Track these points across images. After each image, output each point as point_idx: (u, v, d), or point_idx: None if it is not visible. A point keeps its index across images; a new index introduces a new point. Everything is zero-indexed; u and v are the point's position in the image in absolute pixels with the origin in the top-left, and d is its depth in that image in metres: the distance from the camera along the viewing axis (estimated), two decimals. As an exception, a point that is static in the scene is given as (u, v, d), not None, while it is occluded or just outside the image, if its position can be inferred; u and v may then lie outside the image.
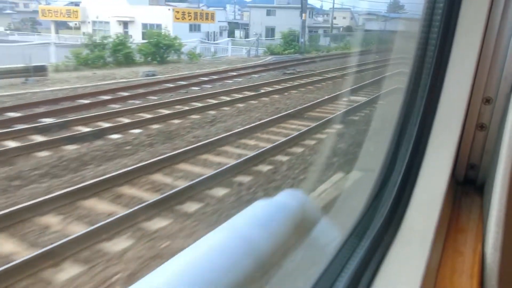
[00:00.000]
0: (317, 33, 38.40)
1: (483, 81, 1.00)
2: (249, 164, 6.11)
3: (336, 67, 17.88)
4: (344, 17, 53.11)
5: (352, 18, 52.77)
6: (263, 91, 12.11)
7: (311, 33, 35.59)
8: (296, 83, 13.80)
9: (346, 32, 41.85)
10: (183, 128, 8.07)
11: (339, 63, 19.67)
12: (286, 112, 9.33)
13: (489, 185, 0.95)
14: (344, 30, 44.72)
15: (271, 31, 41.27)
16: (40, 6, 40.88)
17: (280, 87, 12.88)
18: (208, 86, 13.05)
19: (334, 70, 17.00)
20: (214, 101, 10.57)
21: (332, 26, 43.44)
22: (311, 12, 43.84)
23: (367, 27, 36.85)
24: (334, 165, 5.56)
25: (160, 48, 18.45)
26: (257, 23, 44.17)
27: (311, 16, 43.48)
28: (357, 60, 14.01)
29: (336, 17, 48.58)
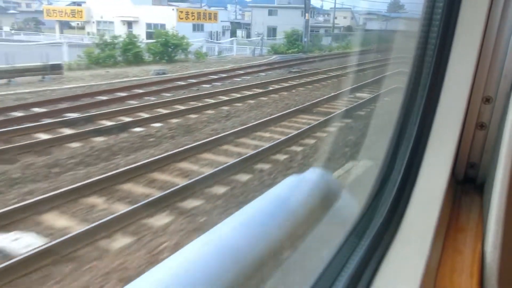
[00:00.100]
0: (319, 33, 38.89)
1: (483, 80, 1.01)
2: (267, 154, 6.61)
3: (340, 66, 18.36)
4: (345, 17, 53.44)
5: (353, 18, 53.15)
6: (272, 88, 12.60)
7: (313, 33, 36.03)
8: (303, 81, 14.30)
9: (347, 32, 42.30)
10: (201, 122, 8.56)
11: (342, 62, 20.15)
12: (296, 108, 9.82)
13: (489, 184, 0.95)
14: (345, 30, 45.16)
15: (273, 31, 41.70)
16: (45, 6, 41.38)
17: (288, 85, 13.38)
18: (218, 84, 13.55)
19: (338, 69, 17.48)
20: (226, 98, 11.05)
21: (334, 26, 43.90)
22: (313, 12, 44.26)
23: (368, 27, 37.34)
24: (347, 155, 6.05)
25: (168, 48, 18.98)
26: (259, 23, 44.63)
27: (313, 16, 43.89)
28: (360, 59, 14.49)
29: (337, 17, 48.96)
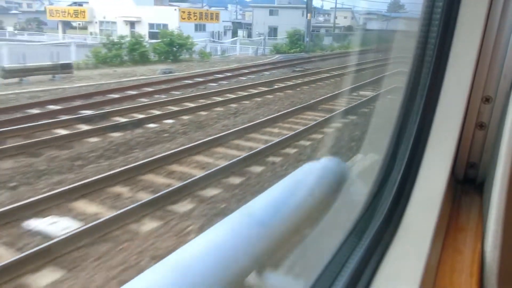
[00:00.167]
0: (320, 33, 39.25)
1: (483, 80, 1.00)
2: (277, 148, 6.94)
3: (342, 65, 18.70)
4: (345, 17, 53.78)
5: (353, 18, 53.51)
6: (277, 87, 12.93)
7: (314, 33, 36.38)
8: (306, 80, 14.63)
9: (348, 32, 42.65)
10: (211, 119, 8.89)
11: (344, 62, 20.49)
12: (302, 105, 10.15)
13: (489, 184, 0.95)
14: (345, 30, 45.51)
15: (274, 31, 42.05)
16: (48, 7, 41.71)
17: (292, 83, 13.72)
18: (225, 82, 13.88)
19: (340, 68, 17.81)
20: (233, 96, 11.39)
21: (335, 26, 44.25)
22: (313, 12, 44.58)
23: (368, 27, 37.69)
24: (353, 148, 6.38)
25: (174, 47, 19.32)
26: (260, 23, 45.02)
27: (313, 16, 44.21)
28: (362, 59, 14.79)
29: (337, 17, 49.30)
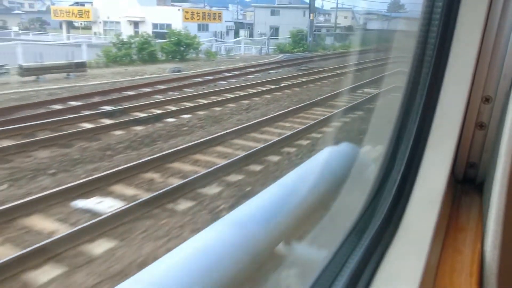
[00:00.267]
0: (321, 33, 39.77)
1: (483, 80, 1.00)
2: (290, 140, 7.45)
3: (345, 64, 19.23)
4: (345, 17, 54.25)
5: (353, 18, 54.01)
6: (284, 85, 13.45)
7: (315, 33, 36.89)
8: (312, 78, 15.15)
9: (349, 32, 43.16)
10: (225, 114, 9.40)
11: (347, 61, 21.02)
12: (310, 101, 10.66)
13: (489, 184, 0.95)
14: (346, 30, 46.00)
15: (275, 31, 42.52)
16: (52, 7, 42.17)
17: (298, 81, 14.24)
18: (233, 81, 14.39)
19: (344, 67, 18.34)
20: (243, 93, 11.89)
21: (336, 26, 44.78)
22: (314, 12, 45.06)
23: (369, 27, 38.19)
24: (362, 140, 6.91)
25: (181, 47, 19.84)
26: (261, 23, 45.53)
27: (315, 16, 44.71)
28: (365, 58, 15.30)
29: (338, 17, 49.81)
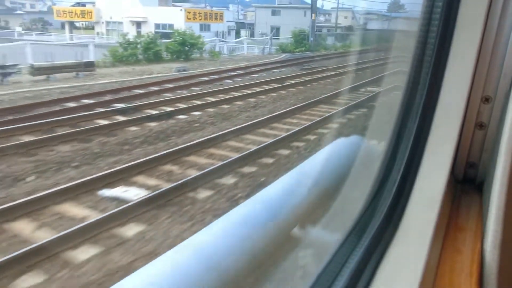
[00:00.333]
0: (322, 32, 40.13)
1: (482, 80, 1.01)
2: (299, 135, 7.79)
3: (347, 63, 19.57)
4: (346, 17, 54.63)
5: (353, 18, 54.36)
6: (288, 83, 13.79)
7: (317, 32, 37.26)
8: (315, 77, 15.49)
9: (349, 32, 43.51)
10: (234, 111, 9.74)
11: (349, 60, 21.36)
12: (315, 99, 11.00)
13: (488, 184, 0.96)
14: (346, 30, 46.36)
15: (276, 31, 42.86)
16: (55, 7, 42.50)
17: (302, 80, 14.57)
18: (239, 79, 14.74)
19: (346, 66, 18.69)
20: (249, 91, 12.22)
21: (337, 26, 45.15)
22: (316, 12, 45.42)
23: (369, 27, 38.54)
24: (367, 136, 7.26)
25: (185, 47, 20.18)
26: (262, 23, 45.91)
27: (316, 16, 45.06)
28: (366, 57, 15.64)
29: (338, 17, 50.16)
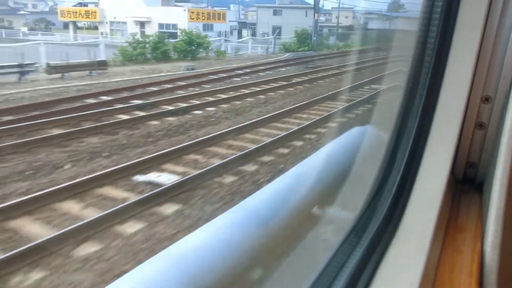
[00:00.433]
0: (324, 32, 40.64)
1: (482, 80, 1.01)
2: (310, 128, 8.28)
3: (350, 62, 20.01)
4: (346, 16, 55.13)
5: (354, 18, 54.85)
6: (295, 81, 14.28)
7: (318, 32, 37.75)
8: (320, 75, 15.99)
9: (350, 31, 44.00)
10: (246, 107, 10.23)
11: (352, 59, 21.81)
12: (322, 96, 11.50)
13: (488, 184, 0.96)
14: (347, 29, 46.85)
15: (278, 30, 43.34)
16: (59, 7, 42.95)
17: (308, 78, 15.07)
18: (247, 77, 15.23)
19: (349, 65, 19.14)
20: (258, 89, 12.72)
21: (338, 26, 45.66)
22: (318, 12, 45.90)
23: (370, 26, 39.04)
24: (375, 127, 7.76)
25: (192, 46, 20.68)
26: (264, 23, 46.43)
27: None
28: (369, 57, 16.09)
29: (339, 16, 50.63)
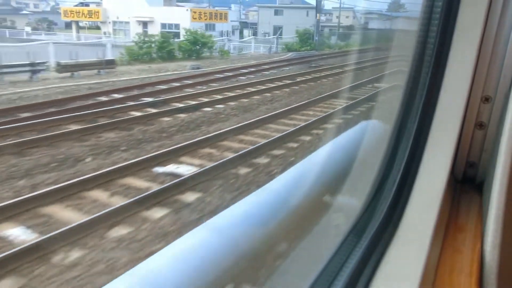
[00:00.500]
0: (325, 32, 40.99)
1: (482, 80, 1.01)
2: (316, 124, 8.60)
3: (352, 62, 20.33)
4: (347, 16, 55.48)
5: (355, 17, 55.18)
6: (299, 80, 14.61)
7: (320, 32, 38.09)
8: (323, 74, 16.32)
9: (351, 31, 44.32)
10: (253, 104, 10.56)
11: (353, 59, 22.12)
12: (326, 94, 11.82)
13: (488, 183, 0.96)
14: (348, 29, 47.18)
15: (280, 30, 43.68)
16: (63, 7, 43.28)
17: (312, 77, 15.40)
18: (252, 76, 15.55)
19: (351, 64, 19.44)
20: (264, 87, 13.04)
21: (339, 25, 46.00)
22: (320, 12, 46.24)
23: (371, 26, 39.36)
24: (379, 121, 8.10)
25: (197, 45, 21.02)
26: (265, 23, 46.79)
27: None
28: (371, 56, 16.42)
29: (340, 16, 50.96)
